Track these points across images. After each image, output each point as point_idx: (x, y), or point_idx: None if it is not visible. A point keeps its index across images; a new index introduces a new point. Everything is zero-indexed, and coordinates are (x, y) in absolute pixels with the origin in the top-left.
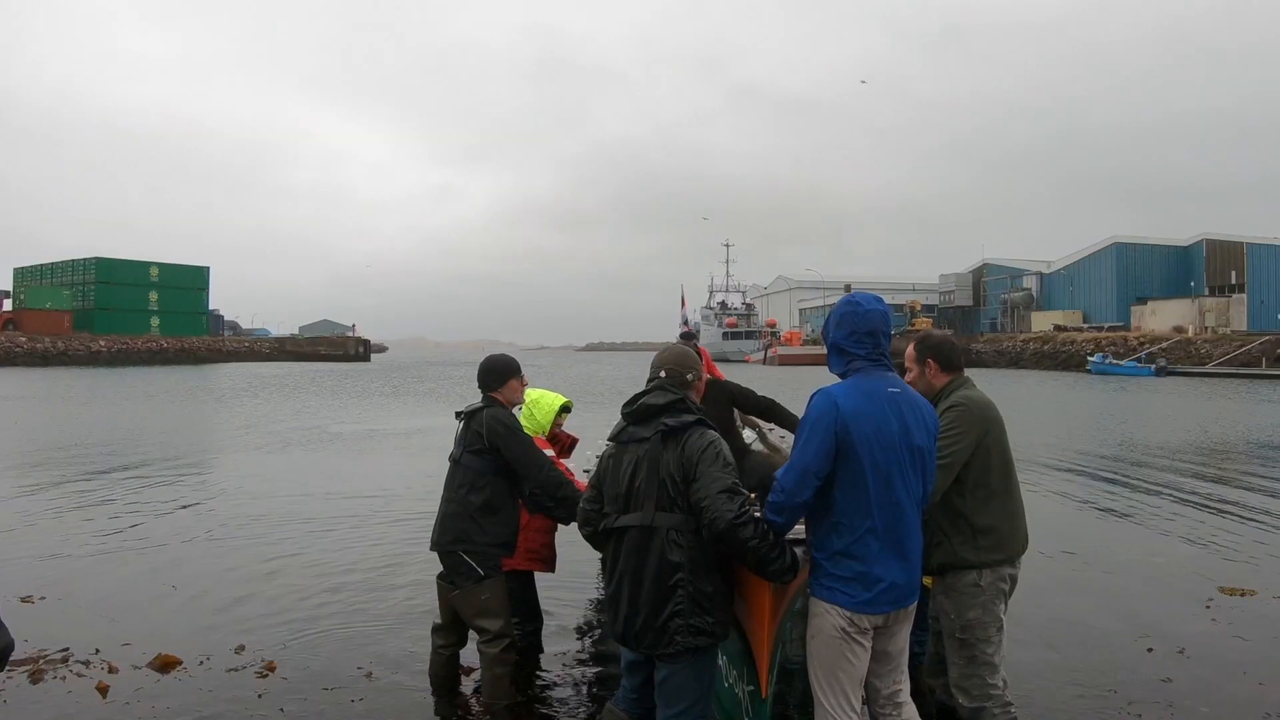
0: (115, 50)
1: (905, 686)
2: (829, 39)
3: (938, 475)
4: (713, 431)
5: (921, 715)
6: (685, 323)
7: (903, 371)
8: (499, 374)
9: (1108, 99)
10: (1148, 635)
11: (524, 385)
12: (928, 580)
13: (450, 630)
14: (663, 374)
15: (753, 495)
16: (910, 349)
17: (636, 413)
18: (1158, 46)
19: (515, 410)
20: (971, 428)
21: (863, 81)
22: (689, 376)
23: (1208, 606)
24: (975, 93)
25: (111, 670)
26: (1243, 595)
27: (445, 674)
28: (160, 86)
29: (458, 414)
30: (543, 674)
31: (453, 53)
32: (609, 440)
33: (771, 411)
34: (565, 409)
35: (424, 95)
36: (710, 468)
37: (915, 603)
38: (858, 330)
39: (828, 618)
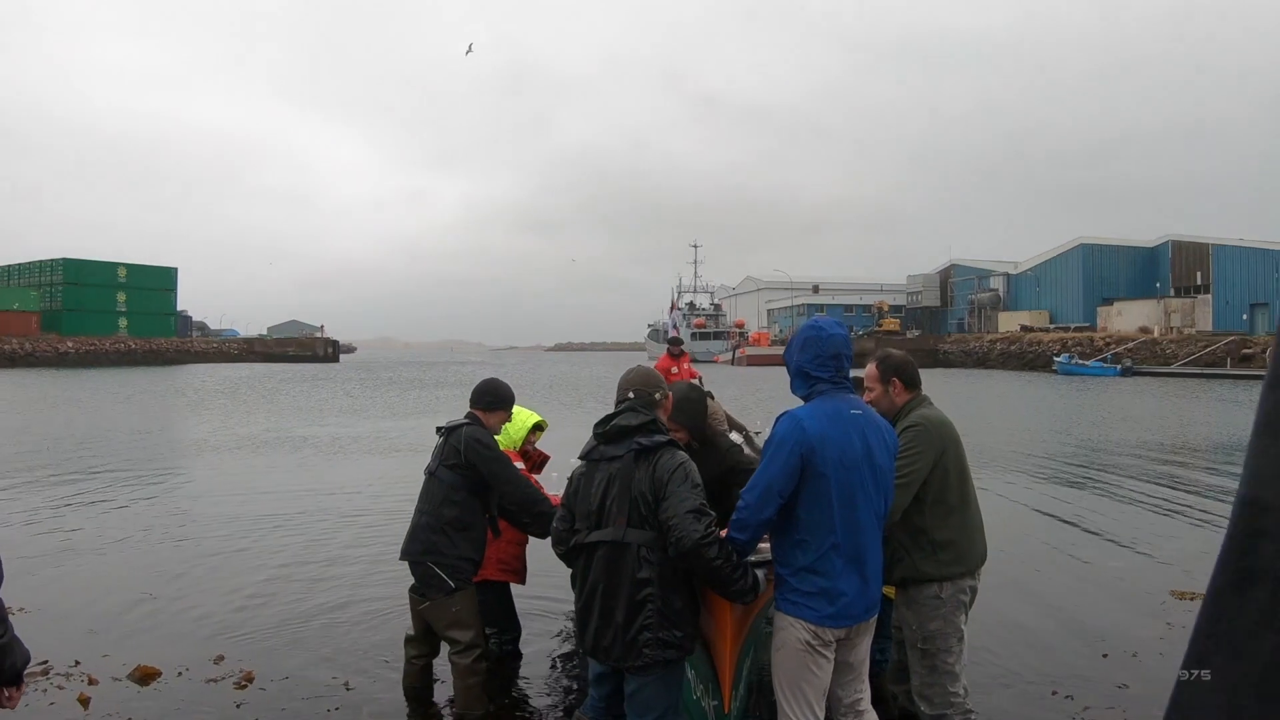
0: (93, 58)
1: (866, 695)
2: (786, 53)
3: (899, 494)
4: (682, 453)
5: None
6: (674, 327)
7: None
8: (490, 398)
9: (1057, 112)
10: (1103, 640)
11: (504, 419)
12: (890, 591)
13: (423, 641)
14: (631, 395)
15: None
16: (873, 368)
17: (609, 433)
18: (1101, 64)
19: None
20: (929, 447)
21: (469, 49)
22: (657, 396)
23: (1160, 610)
24: (930, 105)
25: (91, 682)
26: (1193, 599)
27: (419, 684)
28: (136, 94)
29: (438, 429)
30: (517, 682)
31: (424, 63)
32: (580, 459)
33: None
34: (539, 427)
35: (395, 103)
36: (680, 488)
37: (876, 616)
38: (822, 354)
39: (792, 631)
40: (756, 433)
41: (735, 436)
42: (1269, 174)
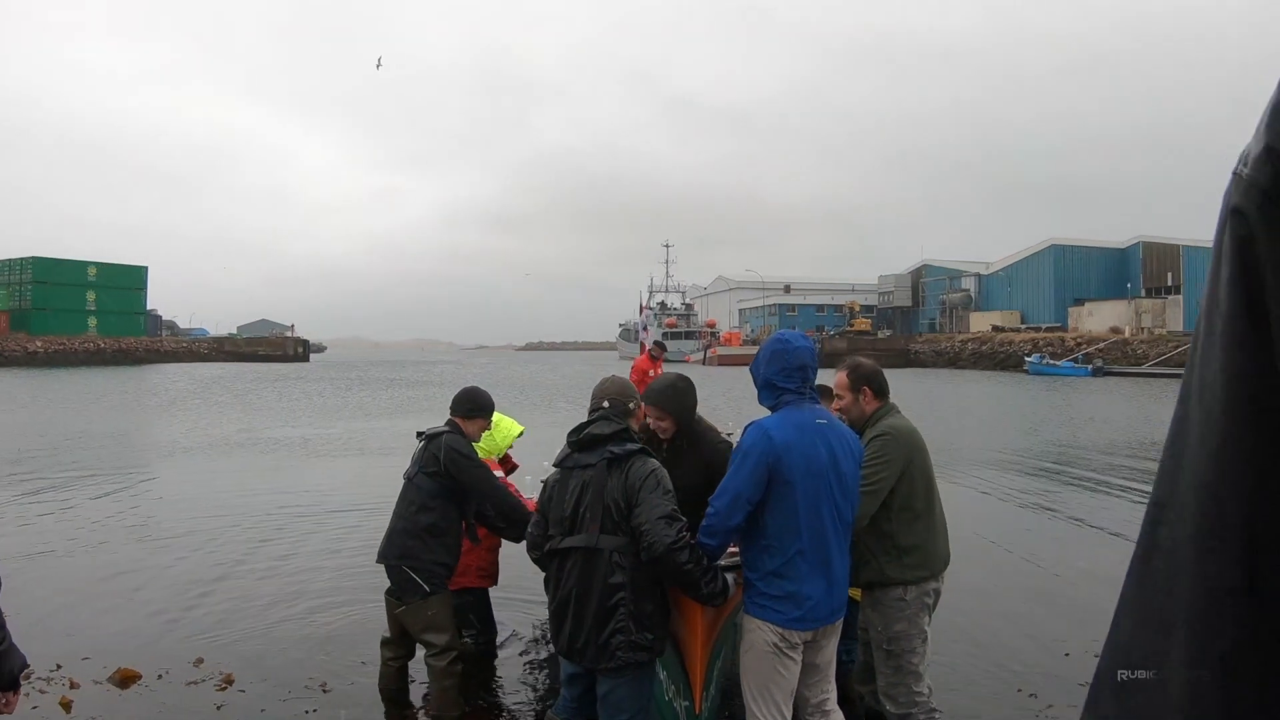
0: (78, 60)
1: (832, 695)
2: (755, 56)
3: (866, 501)
4: (654, 460)
5: None
6: (644, 329)
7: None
8: (470, 405)
9: (1026, 118)
10: (1067, 639)
11: (484, 427)
12: (856, 593)
13: (399, 644)
14: (606, 404)
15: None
16: (843, 377)
17: (583, 441)
18: (1068, 72)
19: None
20: (898, 456)
21: (379, 63)
22: (630, 406)
23: None
24: (900, 109)
25: (73, 686)
26: None
27: (395, 686)
28: (114, 94)
29: (418, 434)
30: (492, 683)
31: (400, 66)
32: (554, 465)
33: None
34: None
35: (371, 105)
36: (651, 494)
37: (842, 618)
38: (788, 366)
39: (760, 633)
40: (728, 434)
41: None
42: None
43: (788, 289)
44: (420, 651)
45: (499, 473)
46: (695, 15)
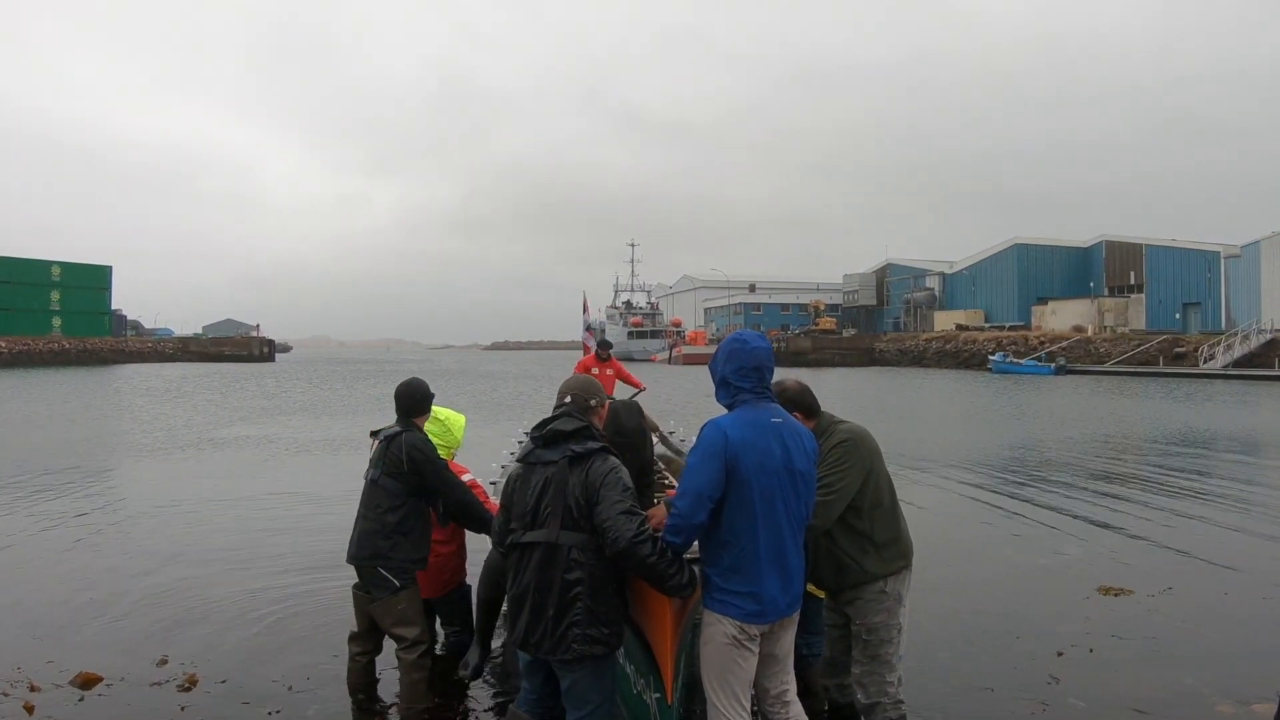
0: (51, 68)
1: (792, 686)
2: (697, 77)
3: (832, 507)
4: (614, 458)
5: (816, 713)
6: (589, 329)
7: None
8: (422, 400)
9: (953, 130)
10: (1028, 635)
11: (426, 419)
12: (819, 592)
13: (367, 638)
14: (569, 400)
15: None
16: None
17: (545, 437)
18: (985, 87)
19: None
20: (859, 461)
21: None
22: (593, 403)
23: (1086, 606)
24: (833, 121)
25: (34, 690)
26: (1118, 595)
27: (363, 681)
28: (88, 102)
29: (373, 433)
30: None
31: (364, 78)
32: (517, 461)
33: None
34: None
35: (335, 115)
36: (611, 491)
37: (798, 611)
38: (745, 366)
39: (719, 627)
40: (671, 433)
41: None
42: (1151, 186)
43: (753, 288)
44: (389, 646)
45: (466, 476)
46: (639, 38)
